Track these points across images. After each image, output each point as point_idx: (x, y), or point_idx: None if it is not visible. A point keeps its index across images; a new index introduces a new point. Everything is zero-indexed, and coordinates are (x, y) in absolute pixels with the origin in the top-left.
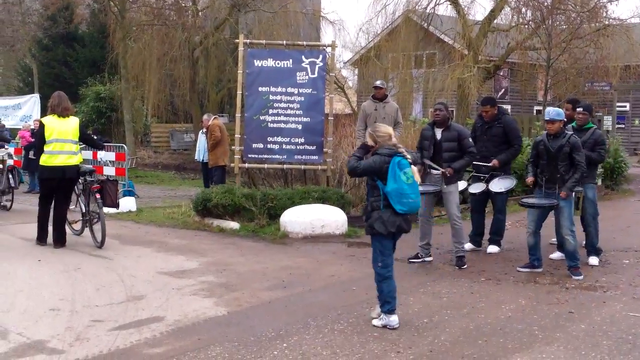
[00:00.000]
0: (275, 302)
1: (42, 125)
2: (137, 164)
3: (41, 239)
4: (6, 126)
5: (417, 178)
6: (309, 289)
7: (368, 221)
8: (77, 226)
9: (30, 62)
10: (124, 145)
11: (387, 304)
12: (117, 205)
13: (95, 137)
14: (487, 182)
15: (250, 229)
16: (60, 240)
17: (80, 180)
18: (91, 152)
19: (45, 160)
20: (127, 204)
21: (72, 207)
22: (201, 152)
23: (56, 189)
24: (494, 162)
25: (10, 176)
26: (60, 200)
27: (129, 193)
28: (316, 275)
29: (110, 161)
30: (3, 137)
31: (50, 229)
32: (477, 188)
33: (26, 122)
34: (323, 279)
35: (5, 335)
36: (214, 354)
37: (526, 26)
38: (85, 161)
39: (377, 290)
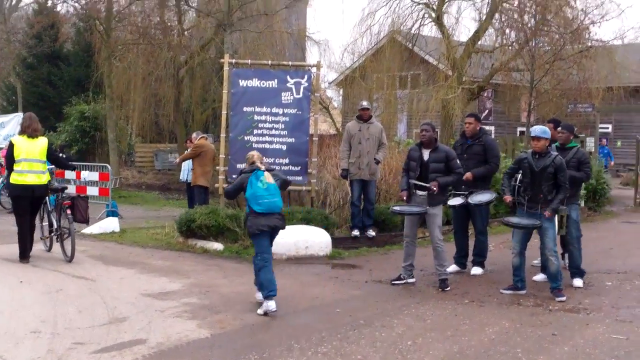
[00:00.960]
0: (259, 325)
1: (11, 145)
2: (120, 184)
3: (23, 255)
4: None
5: (270, 180)
6: (293, 311)
7: (245, 226)
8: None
9: (15, 80)
10: (107, 165)
11: (266, 289)
12: (87, 221)
13: (62, 156)
14: (467, 197)
15: (234, 250)
16: (24, 254)
17: (52, 196)
18: (74, 172)
19: (15, 179)
20: (111, 224)
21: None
22: (186, 172)
23: (27, 206)
24: (467, 175)
25: None
26: (31, 216)
27: (113, 213)
28: (300, 298)
29: (93, 181)
30: None
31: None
32: (456, 201)
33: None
34: (307, 300)
35: None
36: None
37: (510, 47)
38: (68, 181)
39: (255, 277)
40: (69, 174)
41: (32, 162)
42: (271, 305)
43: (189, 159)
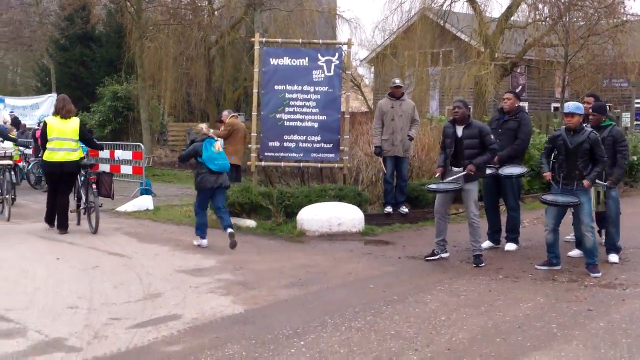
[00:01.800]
0: (293, 300)
1: (45, 125)
2: (154, 163)
3: (49, 221)
4: (27, 126)
5: (219, 149)
6: (326, 287)
7: (195, 182)
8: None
9: (48, 62)
10: (140, 144)
11: (199, 230)
12: (111, 196)
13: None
14: (497, 169)
15: (267, 227)
16: (63, 226)
17: (82, 172)
18: (108, 151)
19: (46, 156)
20: (145, 202)
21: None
22: None
23: (58, 181)
24: (495, 159)
25: (12, 172)
26: (62, 191)
27: (146, 191)
28: (333, 273)
29: (127, 160)
30: (4, 134)
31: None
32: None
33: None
34: (340, 276)
35: (24, 333)
36: (231, 352)
37: (543, 23)
38: (102, 159)
39: (195, 222)
40: (104, 153)
41: (63, 141)
42: (204, 242)
43: (223, 139)
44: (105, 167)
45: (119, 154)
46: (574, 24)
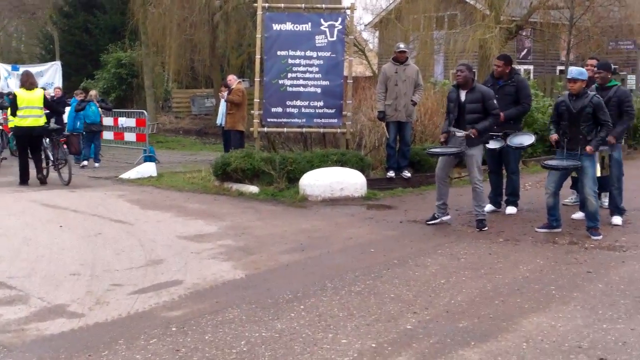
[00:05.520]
0: (293, 265)
1: (14, 96)
2: (158, 130)
3: (23, 182)
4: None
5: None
6: (327, 252)
7: None
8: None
9: (52, 29)
10: (144, 111)
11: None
12: (80, 152)
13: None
14: (505, 138)
15: (269, 193)
16: (42, 181)
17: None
18: (112, 118)
19: (17, 122)
20: (148, 169)
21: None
22: (222, 117)
23: (29, 143)
24: (500, 115)
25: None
26: (35, 151)
27: (150, 158)
28: (334, 238)
29: (131, 127)
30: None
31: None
32: (495, 144)
33: (47, 89)
34: (341, 241)
35: (27, 300)
36: (231, 316)
37: None
38: (106, 127)
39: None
40: (107, 121)
41: (32, 109)
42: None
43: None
44: (109, 135)
45: (123, 121)
46: None
